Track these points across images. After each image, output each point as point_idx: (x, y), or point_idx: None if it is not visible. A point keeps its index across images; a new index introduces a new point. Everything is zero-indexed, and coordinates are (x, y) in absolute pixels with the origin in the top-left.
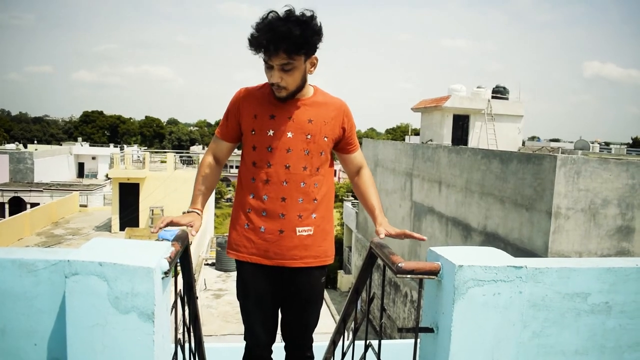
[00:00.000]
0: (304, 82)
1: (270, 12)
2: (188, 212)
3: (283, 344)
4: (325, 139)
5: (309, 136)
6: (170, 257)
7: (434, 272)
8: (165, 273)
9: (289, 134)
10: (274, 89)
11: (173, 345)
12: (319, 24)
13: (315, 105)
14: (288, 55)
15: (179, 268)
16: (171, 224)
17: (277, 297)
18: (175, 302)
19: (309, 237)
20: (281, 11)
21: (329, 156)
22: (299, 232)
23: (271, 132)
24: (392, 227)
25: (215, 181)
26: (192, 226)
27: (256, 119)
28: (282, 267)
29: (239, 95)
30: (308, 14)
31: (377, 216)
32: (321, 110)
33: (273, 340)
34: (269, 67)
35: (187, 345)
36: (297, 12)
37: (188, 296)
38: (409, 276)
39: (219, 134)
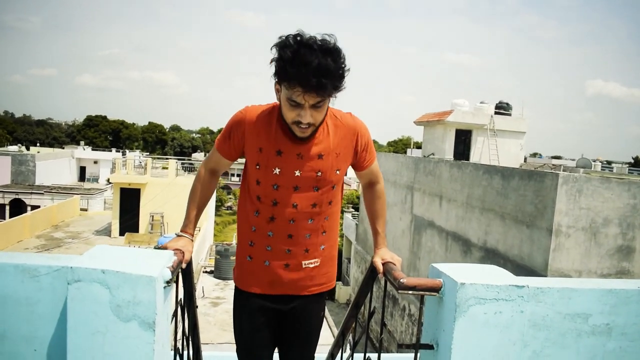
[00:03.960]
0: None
1: (298, 37)
2: (179, 235)
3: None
4: (338, 172)
5: (319, 173)
6: (172, 266)
7: (436, 289)
8: (168, 282)
9: (297, 172)
10: (299, 128)
11: (172, 354)
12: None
13: (326, 135)
14: (325, 92)
15: (180, 278)
16: (163, 249)
17: (276, 325)
18: (176, 311)
19: (315, 268)
20: (306, 35)
21: (341, 185)
22: (305, 265)
23: (277, 171)
24: (381, 260)
25: (210, 195)
26: (183, 252)
27: (261, 153)
28: (284, 295)
29: (244, 119)
30: (333, 39)
31: (379, 242)
32: (332, 140)
33: None
34: (297, 106)
35: (185, 354)
36: (319, 37)
37: (188, 305)
38: (410, 292)
39: (220, 151)
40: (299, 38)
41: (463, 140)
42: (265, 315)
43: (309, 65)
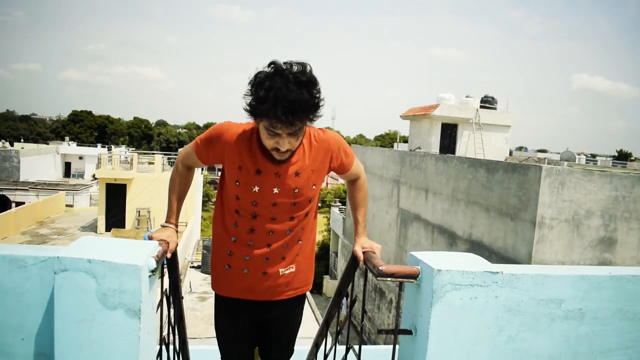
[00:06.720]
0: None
1: (272, 68)
2: (164, 226)
3: None
4: (314, 187)
5: (296, 190)
6: (157, 255)
7: (414, 276)
8: (152, 271)
9: (275, 190)
10: (277, 153)
11: (158, 344)
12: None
13: (302, 154)
14: (302, 123)
15: (165, 269)
16: (149, 239)
17: (256, 328)
18: (161, 300)
19: (291, 273)
20: (281, 67)
21: (317, 198)
22: (282, 272)
23: (256, 189)
24: (361, 249)
25: (189, 185)
26: (167, 242)
27: (241, 171)
28: (263, 302)
29: (224, 136)
30: (308, 69)
31: (358, 232)
32: (308, 158)
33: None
34: (274, 135)
35: (171, 345)
36: (294, 66)
37: (173, 296)
38: (389, 279)
39: (198, 156)
40: (272, 70)
41: (449, 134)
42: (245, 319)
43: (284, 102)
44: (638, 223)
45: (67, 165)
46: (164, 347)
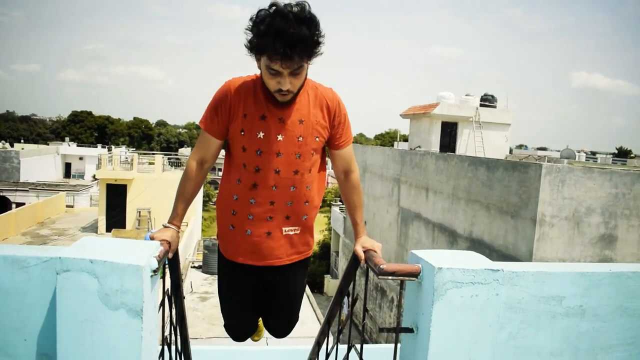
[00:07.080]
0: (305, 80)
1: (273, 7)
2: (166, 226)
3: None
4: (317, 139)
5: (300, 138)
6: (159, 256)
7: (415, 274)
8: (154, 271)
9: (279, 137)
10: (280, 94)
11: (160, 345)
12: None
13: (306, 103)
14: (301, 59)
15: (167, 269)
16: (151, 239)
17: (260, 294)
18: (163, 300)
19: (295, 235)
20: (281, 5)
21: (320, 155)
22: (285, 232)
23: (261, 135)
24: (362, 248)
25: (198, 189)
26: (169, 242)
27: (246, 119)
28: (267, 266)
29: (229, 89)
30: (307, 8)
31: (359, 232)
32: (312, 108)
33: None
34: (275, 73)
35: (173, 345)
36: (294, 6)
37: (175, 296)
38: (390, 278)
39: (208, 130)
40: (273, 10)
41: (449, 132)
42: (249, 284)
43: (284, 36)
44: (638, 220)
45: (67, 166)
46: (165, 347)
